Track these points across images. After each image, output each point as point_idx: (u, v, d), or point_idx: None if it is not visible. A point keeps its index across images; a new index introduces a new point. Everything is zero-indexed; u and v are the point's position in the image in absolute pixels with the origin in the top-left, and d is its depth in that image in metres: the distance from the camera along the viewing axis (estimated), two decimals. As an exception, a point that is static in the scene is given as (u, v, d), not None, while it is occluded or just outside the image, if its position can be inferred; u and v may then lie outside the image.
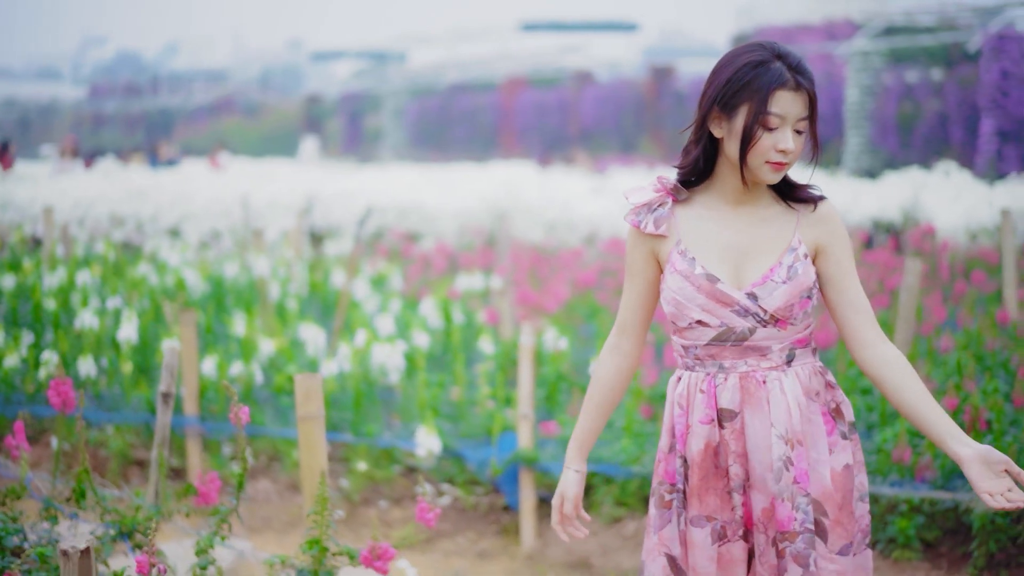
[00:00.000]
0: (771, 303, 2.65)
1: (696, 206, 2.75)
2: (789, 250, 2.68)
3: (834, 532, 2.68)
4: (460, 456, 5.54)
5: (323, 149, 36.36)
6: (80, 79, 76.59)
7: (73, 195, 13.03)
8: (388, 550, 3.40)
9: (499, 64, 38.69)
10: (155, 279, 8.15)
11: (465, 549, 5.22)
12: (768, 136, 2.62)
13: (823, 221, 2.71)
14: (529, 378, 5.13)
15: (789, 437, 2.66)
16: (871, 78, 24.43)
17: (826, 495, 2.68)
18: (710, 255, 2.71)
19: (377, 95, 40.52)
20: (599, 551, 5.04)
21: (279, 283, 8.27)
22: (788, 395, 2.68)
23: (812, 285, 2.68)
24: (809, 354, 2.74)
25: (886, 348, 2.67)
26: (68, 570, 2.31)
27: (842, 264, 2.70)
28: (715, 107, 2.66)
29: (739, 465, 2.70)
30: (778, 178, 2.68)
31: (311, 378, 3.54)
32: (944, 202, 12.59)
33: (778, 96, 2.61)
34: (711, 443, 2.71)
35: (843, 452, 2.71)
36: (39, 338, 6.69)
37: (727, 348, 2.70)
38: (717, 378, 2.71)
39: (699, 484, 2.72)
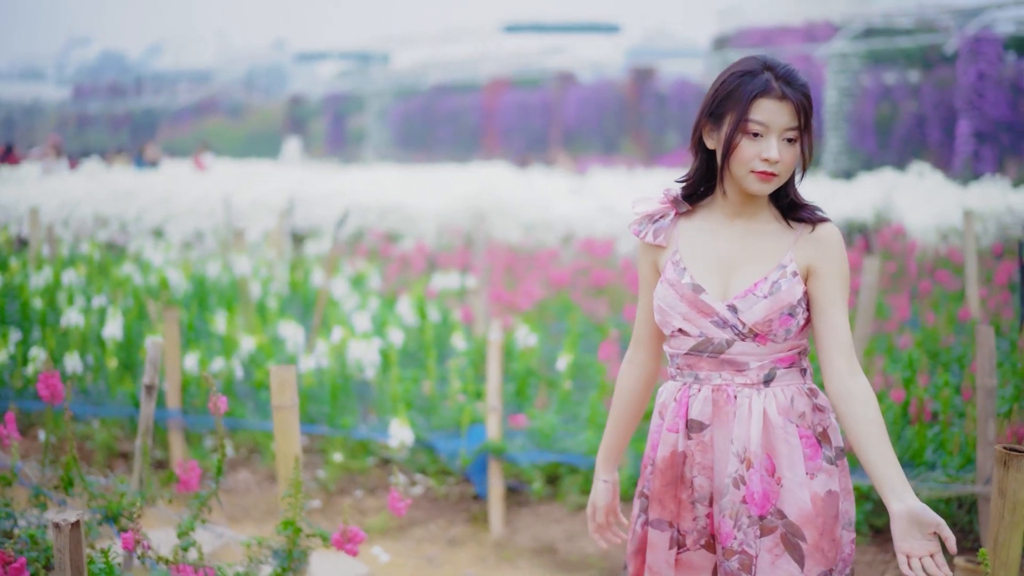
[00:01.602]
0: (750, 317, 2.61)
1: (696, 219, 2.75)
2: (779, 267, 2.64)
3: (812, 557, 2.62)
4: (432, 447, 5.78)
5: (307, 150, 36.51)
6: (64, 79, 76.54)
7: (59, 196, 13.21)
8: (358, 533, 3.60)
9: (482, 65, 38.90)
10: (139, 279, 8.34)
11: (436, 536, 5.45)
12: (751, 144, 2.58)
13: (820, 244, 2.64)
14: (497, 373, 5.37)
15: (746, 456, 2.62)
16: (849, 80, 24.71)
17: (805, 519, 2.61)
18: (700, 266, 2.69)
19: (361, 96, 40.69)
20: (563, 537, 5.27)
21: (260, 282, 8.48)
22: (755, 414, 2.63)
23: (796, 303, 2.61)
24: (796, 375, 2.68)
25: (853, 383, 2.58)
26: (60, 542, 2.52)
27: (829, 290, 2.62)
28: (705, 119, 2.67)
29: (705, 478, 2.69)
30: (766, 189, 2.63)
31: (285, 370, 3.75)
32: (916, 203, 12.82)
33: (760, 104, 2.57)
34: (676, 451, 2.71)
35: (828, 477, 2.64)
36: (27, 335, 6.89)
37: (704, 359, 2.68)
38: (691, 388, 2.70)
39: (661, 490, 2.73)
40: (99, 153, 25.21)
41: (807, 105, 2.61)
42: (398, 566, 5.15)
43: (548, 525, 5.38)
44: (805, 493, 2.61)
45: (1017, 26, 21.98)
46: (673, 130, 32.01)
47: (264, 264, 9.39)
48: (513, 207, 13.38)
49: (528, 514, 5.50)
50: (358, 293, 8.59)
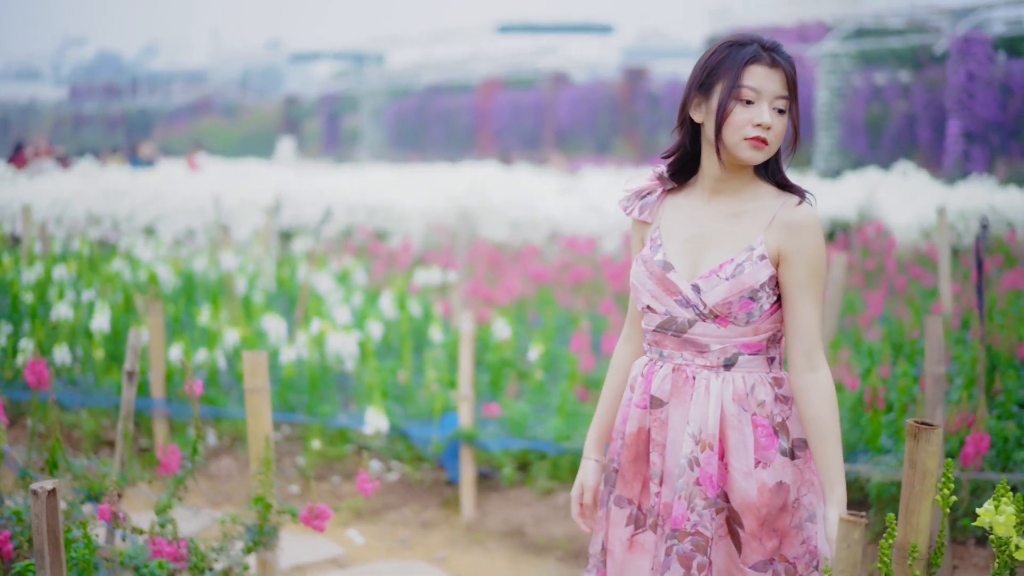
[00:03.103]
0: (711, 298, 2.61)
1: (680, 197, 2.76)
2: (747, 249, 2.62)
3: (749, 545, 2.64)
4: (406, 435, 5.98)
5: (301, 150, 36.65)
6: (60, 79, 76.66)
7: (51, 194, 13.40)
8: (325, 510, 3.79)
9: (476, 65, 39.05)
10: (128, 274, 8.55)
11: (410, 519, 5.66)
12: (744, 110, 2.58)
13: (794, 230, 2.61)
14: (469, 362, 5.57)
15: (701, 438, 2.62)
16: (841, 80, 24.87)
17: (746, 507, 2.62)
18: (674, 244, 2.70)
19: (355, 96, 40.83)
20: (532, 521, 5.47)
21: (246, 278, 8.67)
22: (712, 397, 2.63)
23: (758, 288, 2.59)
24: (762, 362, 2.67)
25: (811, 378, 2.60)
26: (37, 507, 2.71)
27: (796, 278, 2.60)
28: (694, 91, 2.65)
29: (658, 455, 2.70)
30: (758, 156, 2.61)
31: (257, 354, 3.95)
32: (899, 201, 13.01)
33: (752, 70, 2.58)
34: (643, 427, 2.73)
35: (781, 469, 2.64)
36: (17, 329, 7.09)
37: (668, 337, 2.68)
38: (656, 365, 2.71)
39: (627, 465, 2.76)
40: (94, 153, 25.37)
41: (794, 77, 2.63)
42: (372, 548, 5.35)
43: (517, 509, 5.58)
44: (751, 482, 2.62)
45: (1007, 26, 22.16)
46: (666, 130, 32.17)
47: (252, 260, 9.59)
48: (500, 206, 13.57)
49: (498, 498, 5.70)
50: (343, 288, 8.79)
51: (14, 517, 3.79)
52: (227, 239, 9.15)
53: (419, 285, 9.10)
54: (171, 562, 3.52)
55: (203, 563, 3.61)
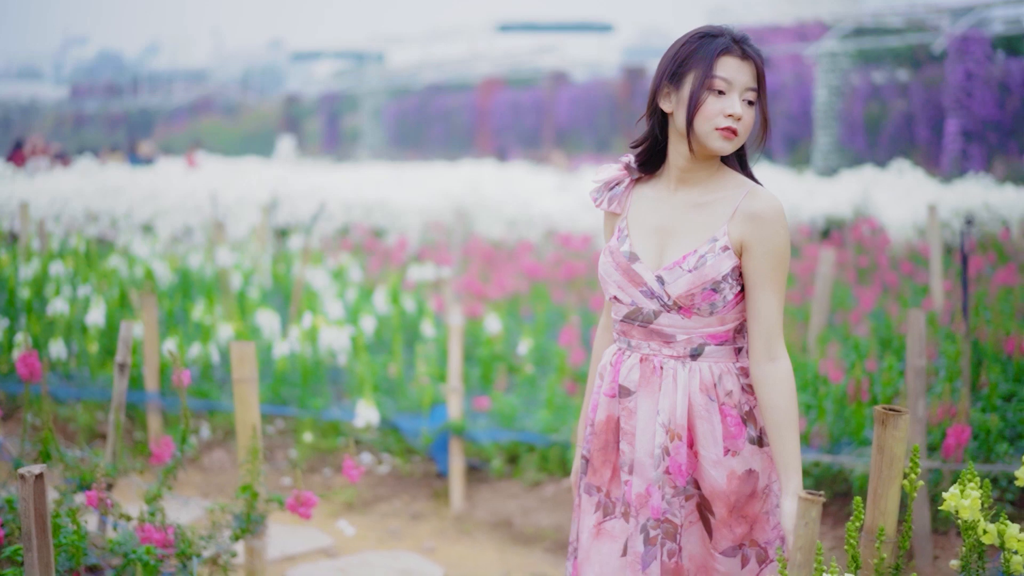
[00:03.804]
0: (674, 289, 2.63)
1: (647, 187, 2.78)
2: (710, 240, 2.63)
3: (719, 532, 2.68)
4: (397, 427, 6.05)
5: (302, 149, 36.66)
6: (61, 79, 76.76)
7: (50, 192, 13.47)
8: (311, 498, 3.85)
9: (475, 65, 39.07)
10: (125, 271, 8.62)
11: (400, 511, 5.73)
12: (715, 101, 2.60)
13: (756, 221, 2.63)
14: (458, 356, 5.64)
15: (671, 428, 2.65)
16: (839, 79, 24.90)
17: (716, 495, 2.66)
18: (640, 235, 2.72)
19: (356, 95, 40.88)
20: (520, 512, 5.54)
21: (242, 274, 8.74)
22: (680, 387, 2.66)
23: (721, 279, 2.61)
24: (729, 352, 2.69)
25: (770, 368, 2.62)
26: (25, 491, 2.77)
27: (758, 269, 2.62)
28: (664, 81, 2.66)
29: (627, 443, 2.72)
30: (728, 147, 2.63)
31: (245, 345, 4.00)
32: (895, 199, 13.07)
33: (724, 61, 2.60)
34: (611, 416, 2.75)
35: (751, 457, 2.67)
36: (13, 323, 7.16)
37: (635, 327, 2.71)
38: (625, 354, 2.74)
39: (596, 453, 2.78)
40: (94, 152, 25.44)
41: (763, 69, 2.66)
42: (362, 539, 5.42)
43: (505, 500, 5.65)
44: (720, 471, 2.65)
45: (1005, 25, 22.18)
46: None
47: (248, 257, 9.66)
48: (496, 203, 13.64)
49: (487, 490, 5.77)
50: (338, 284, 8.86)
51: (6, 505, 3.86)
52: (222, 236, 9.21)
53: (413, 281, 9.17)
54: (159, 548, 3.58)
55: (191, 549, 3.67)
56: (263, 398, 6.45)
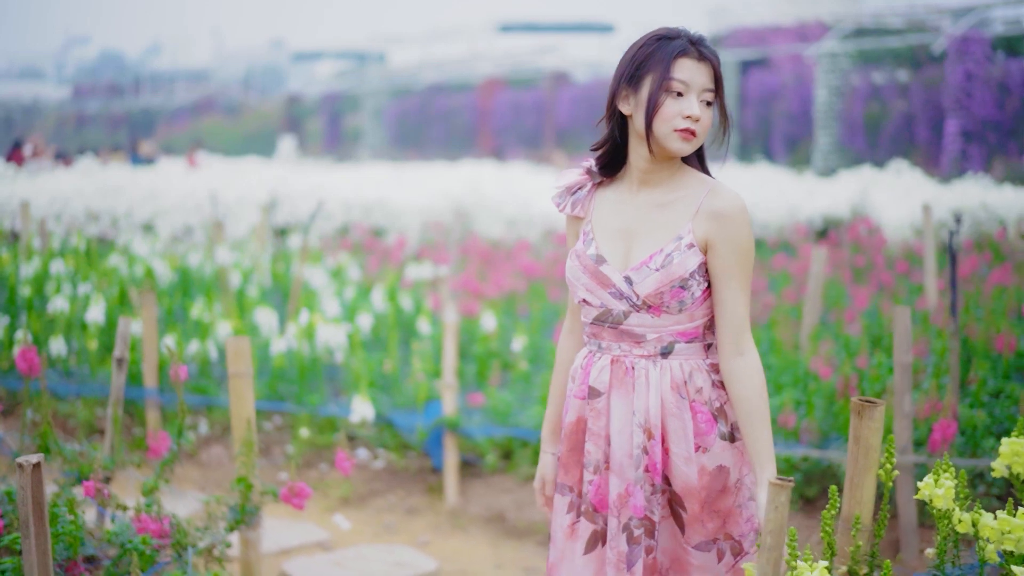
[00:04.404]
0: (642, 288, 2.65)
1: (610, 190, 2.79)
2: (675, 238, 2.66)
3: (691, 527, 2.72)
4: (392, 423, 6.13)
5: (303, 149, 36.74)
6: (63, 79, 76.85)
7: (50, 191, 13.56)
8: (304, 489, 3.92)
9: (476, 65, 39.12)
10: (125, 269, 8.70)
11: (395, 506, 5.81)
12: (674, 103, 2.62)
13: (719, 219, 2.65)
14: (453, 352, 5.71)
15: (647, 427, 2.68)
16: (839, 79, 24.95)
17: (687, 491, 2.69)
18: (606, 237, 2.74)
19: (357, 95, 40.94)
20: (513, 506, 5.61)
21: (241, 273, 8.82)
22: (652, 386, 2.68)
23: (688, 276, 2.64)
24: (698, 349, 2.72)
25: (739, 362, 2.66)
26: (23, 480, 2.85)
27: (723, 265, 2.65)
28: (622, 84, 2.68)
29: (594, 444, 2.74)
30: (687, 148, 2.66)
31: (240, 340, 4.07)
32: (893, 199, 13.13)
33: (681, 63, 2.62)
34: (581, 417, 2.78)
35: (722, 453, 2.70)
36: (14, 321, 7.25)
37: (605, 329, 2.72)
38: (595, 356, 2.75)
39: (567, 455, 2.81)
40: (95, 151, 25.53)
41: (720, 70, 2.68)
42: (358, 533, 5.50)
43: (499, 495, 5.72)
44: (691, 467, 2.68)
45: (1005, 26, 22.22)
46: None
47: (247, 256, 9.74)
48: (496, 203, 13.71)
49: (481, 485, 5.84)
50: (336, 283, 8.94)
51: (5, 497, 3.92)
52: (222, 235, 9.29)
53: (411, 280, 9.25)
54: (155, 538, 3.65)
55: (186, 540, 3.74)
56: (261, 395, 6.52)
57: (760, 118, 28.11)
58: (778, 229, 13.38)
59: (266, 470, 6.07)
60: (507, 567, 5.09)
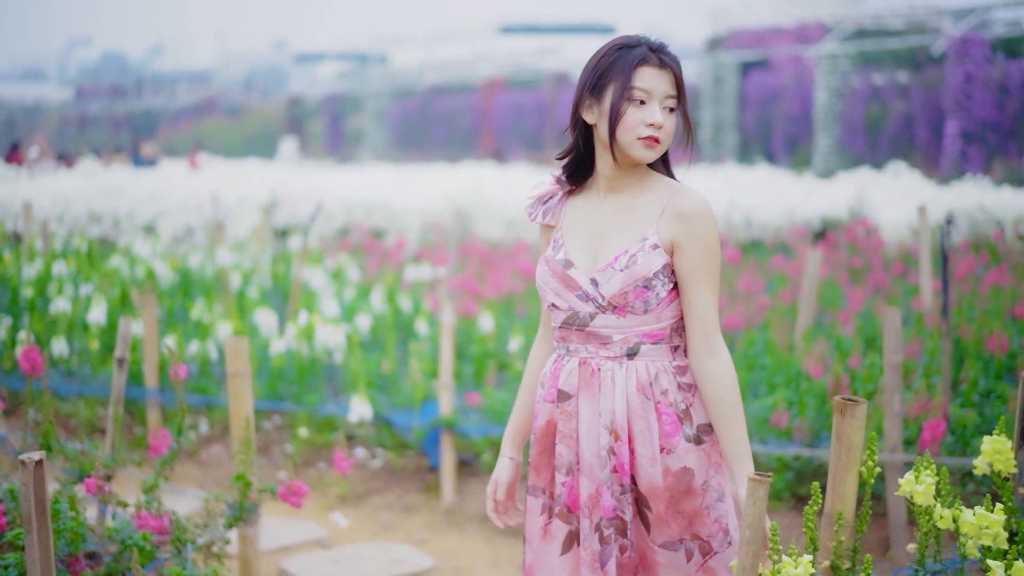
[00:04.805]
0: (607, 289, 2.68)
1: (579, 197, 2.83)
2: (640, 239, 2.69)
3: (657, 527, 2.75)
4: (390, 423, 6.20)
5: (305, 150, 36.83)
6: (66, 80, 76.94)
7: (52, 193, 13.64)
8: (301, 487, 3.98)
9: (478, 66, 39.22)
10: (126, 270, 8.78)
11: (392, 504, 5.88)
12: (636, 111, 2.65)
13: (684, 220, 2.68)
14: (449, 352, 5.78)
15: (613, 428, 2.71)
16: (839, 80, 25.01)
17: (652, 491, 2.72)
18: (575, 242, 2.77)
19: (359, 96, 41.03)
20: (509, 504, 5.68)
21: (242, 274, 8.90)
22: (619, 387, 2.71)
23: (652, 276, 2.66)
24: (665, 351, 2.74)
25: (709, 362, 2.68)
26: (25, 476, 2.91)
27: (690, 266, 2.68)
28: (586, 94, 2.72)
29: (566, 446, 2.77)
30: (651, 155, 2.69)
31: (239, 340, 4.14)
32: (891, 201, 13.19)
33: (642, 72, 2.65)
34: (551, 420, 2.81)
35: (686, 455, 2.72)
36: (16, 322, 7.32)
37: (573, 332, 2.75)
38: (563, 360, 2.78)
39: (537, 457, 2.84)
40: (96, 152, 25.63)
41: (681, 76, 2.70)
42: (355, 531, 5.57)
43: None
44: (656, 468, 2.70)
45: (1005, 28, 22.28)
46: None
47: (248, 257, 9.82)
48: (495, 204, 13.78)
49: (477, 484, 5.91)
50: (336, 284, 9.01)
51: (8, 495, 3.99)
52: (223, 236, 9.37)
53: (410, 281, 9.32)
54: (155, 535, 3.72)
55: (185, 536, 3.81)
56: (260, 394, 6.60)
57: (760, 119, 28.18)
58: (776, 230, 13.45)
59: (265, 469, 6.14)
60: (503, 565, 5.16)
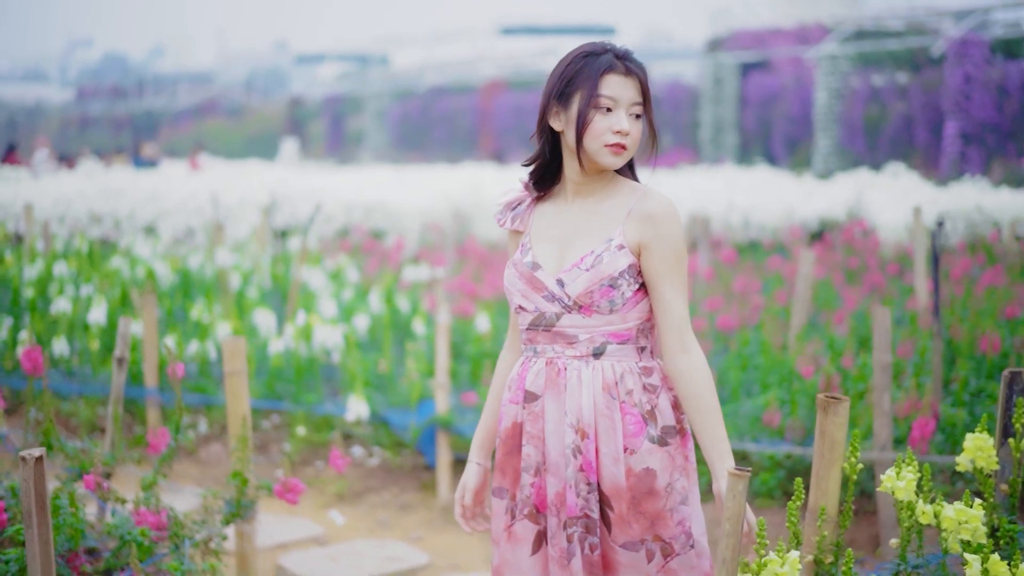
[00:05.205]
0: (573, 289, 2.71)
1: (547, 203, 2.86)
2: (606, 240, 2.73)
3: (618, 526, 2.75)
4: (386, 422, 6.27)
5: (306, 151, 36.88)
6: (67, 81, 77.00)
7: (53, 194, 13.71)
8: (297, 485, 4.05)
9: (478, 67, 39.28)
10: (127, 271, 8.85)
11: (389, 502, 5.95)
12: (603, 118, 2.69)
13: (650, 220, 2.73)
14: (445, 352, 5.85)
15: (580, 427, 2.73)
16: (839, 81, 25.05)
17: (614, 491, 2.73)
18: (542, 245, 2.80)
19: (359, 97, 41.07)
20: (505, 502, 5.75)
21: (241, 274, 8.97)
22: (585, 386, 2.73)
23: (617, 276, 2.70)
24: (631, 351, 2.77)
25: (683, 360, 2.71)
26: (26, 472, 2.98)
27: (659, 266, 2.72)
28: (552, 101, 2.75)
29: (533, 447, 2.79)
30: (618, 162, 2.73)
31: (236, 340, 4.21)
32: (889, 202, 13.24)
33: (608, 79, 2.69)
34: (517, 422, 2.82)
35: (649, 455, 2.73)
36: (17, 322, 7.39)
37: (540, 333, 2.78)
38: (531, 361, 2.81)
39: (502, 459, 2.85)
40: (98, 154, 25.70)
41: (647, 82, 2.75)
42: (352, 528, 5.64)
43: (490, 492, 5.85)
44: (619, 468, 2.72)
45: (1004, 29, 22.31)
46: (666, 131, 32.40)
47: (248, 258, 9.89)
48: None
49: (473, 482, 5.97)
50: (335, 284, 9.08)
51: (10, 492, 4.06)
52: (222, 237, 9.44)
53: (409, 282, 9.38)
54: (153, 531, 3.79)
55: (183, 532, 3.87)
56: (259, 394, 6.67)
57: (760, 120, 28.22)
58: (774, 231, 13.51)
59: (264, 468, 6.20)
60: (497, 561, 5.23)
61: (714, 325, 7.65)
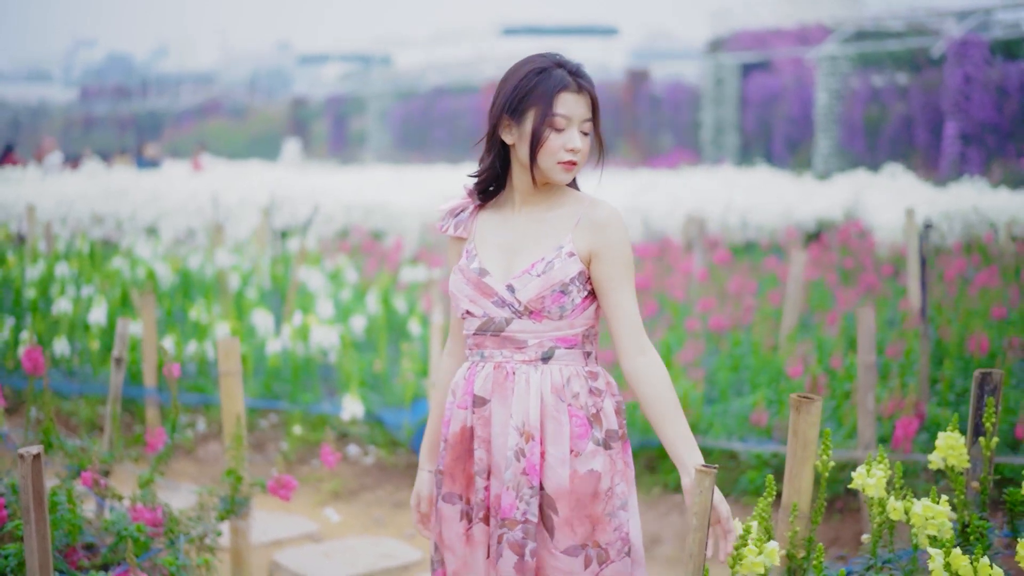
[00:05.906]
0: (524, 295, 2.74)
1: (491, 210, 2.89)
2: (556, 247, 2.77)
3: (561, 531, 2.76)
4: (381, 421, 6.37)
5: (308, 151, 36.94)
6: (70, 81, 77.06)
7: (56, 195, 13.82)
8: (290, 481, 4.14)
9: (480, 67, 39.32)
10: (127, 272, 8.95)
11: (383, 500, 6.05)
12: (556, 137, 2.74)
13: (599, 229, 2.77)
14: (439, 352, 5.94)
15: (525, 430, 2.75)
16: (839, 82, 25.08)
17: (559, 493, 2.74)
18: (489, 252, 2.83)
19: (362, 97, 41.11)
20: (497, 500, 5.85)
21: (240, 275, 9.07)
22: (532, 389, 2.76)
23: (568, 282, 2.74)
24: (578, 356, 2.81)
25: (642, 361, 2.74)
26: (24, 470, 3.07)
27: (610, 272, 2.76)
28: (505, 115, 2.78)
29: (484, 451, 2.80)
30: (569, 177, 2.79)
31: (231, 341, 4.31)
32: (887, 203, 13.30)
33: (562, 98, 2.73)
34: (465, 427, 2.83)
35: (593, 458, 2.76)
36: (19, 322, 7.50)
37: (488, 338, 2.80)
38: (478, 367, 2.82)
39: (451, 464, 2.85)
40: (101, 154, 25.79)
41: (596, 97, 2.79)
42: (347, 526, 5.74)
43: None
44: (564, 470, 2.74)
45: (1004, 30, 22.34)
46: (667, 131, 32.45)
47: (248, 259, 9.99)
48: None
49: (466, 480, 6.07)
50: (334, 285, 9.18)
51: (10, 489, 4.16)
52: (222, 238, 9.54)
53: (406, 283, 9.48)
54: (149, 527, 3.89)
55: (178, 528, 3.97)
56: (256, 393, 6.77)
57: (761, 121, 28.27)
58: (771, 232, 13.58)
59: (261, 466, 6.30)
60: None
61: (707, 326, 7.74)
